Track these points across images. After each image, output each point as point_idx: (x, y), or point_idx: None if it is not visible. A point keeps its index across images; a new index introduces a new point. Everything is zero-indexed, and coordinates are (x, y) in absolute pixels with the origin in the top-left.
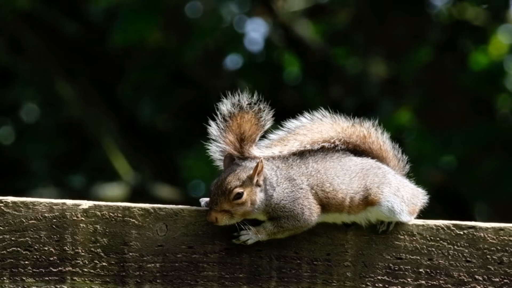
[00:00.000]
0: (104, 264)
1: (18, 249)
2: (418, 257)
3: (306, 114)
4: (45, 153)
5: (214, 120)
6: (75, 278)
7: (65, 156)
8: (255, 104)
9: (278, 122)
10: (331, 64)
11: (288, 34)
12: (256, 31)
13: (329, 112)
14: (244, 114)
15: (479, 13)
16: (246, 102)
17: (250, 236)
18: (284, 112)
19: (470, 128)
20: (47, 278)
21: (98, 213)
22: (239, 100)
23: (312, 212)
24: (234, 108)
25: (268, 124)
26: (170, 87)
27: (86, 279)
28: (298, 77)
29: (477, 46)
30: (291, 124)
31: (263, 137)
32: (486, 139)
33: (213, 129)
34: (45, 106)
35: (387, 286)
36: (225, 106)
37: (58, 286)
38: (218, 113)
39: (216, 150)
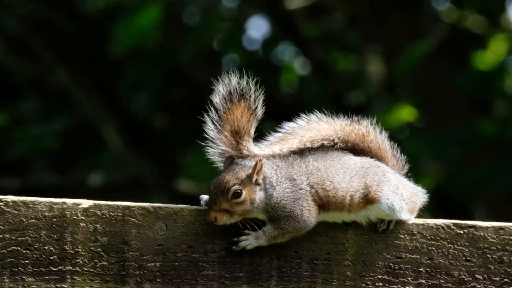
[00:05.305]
0: (104, 263)
1: (18, 248)
2: (418, 256)
3: (303, 116)
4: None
5: (209, 117)
6: (75, 277)
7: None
8: (244, 93)
9: (277, 122)
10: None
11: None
12: (255, 30)
13: (325, 114)
14: (235, 105)
15: (477, 19)
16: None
17: (249, 241)
18: (283, 111)
19: (467, 127)
20: (47, 277)
21: (98, 212)
22: (229, 92)
23: (311, 213)
24: (226, 102)
25: (260, 109)
26: (167, 85)
27: (86, 278)
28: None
29: (475, 51)
30: (289, 125)
31: (262, 138)
32: (483, 138)
33: (210, 128)
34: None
35: (387, 285)
36: (217, 98)
37: (58, 285)
38: (212, 107)
39: (215, 151)
